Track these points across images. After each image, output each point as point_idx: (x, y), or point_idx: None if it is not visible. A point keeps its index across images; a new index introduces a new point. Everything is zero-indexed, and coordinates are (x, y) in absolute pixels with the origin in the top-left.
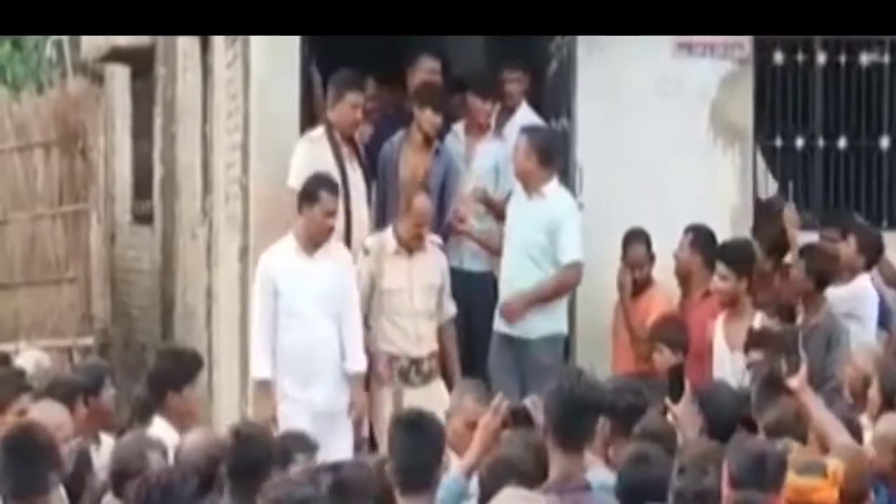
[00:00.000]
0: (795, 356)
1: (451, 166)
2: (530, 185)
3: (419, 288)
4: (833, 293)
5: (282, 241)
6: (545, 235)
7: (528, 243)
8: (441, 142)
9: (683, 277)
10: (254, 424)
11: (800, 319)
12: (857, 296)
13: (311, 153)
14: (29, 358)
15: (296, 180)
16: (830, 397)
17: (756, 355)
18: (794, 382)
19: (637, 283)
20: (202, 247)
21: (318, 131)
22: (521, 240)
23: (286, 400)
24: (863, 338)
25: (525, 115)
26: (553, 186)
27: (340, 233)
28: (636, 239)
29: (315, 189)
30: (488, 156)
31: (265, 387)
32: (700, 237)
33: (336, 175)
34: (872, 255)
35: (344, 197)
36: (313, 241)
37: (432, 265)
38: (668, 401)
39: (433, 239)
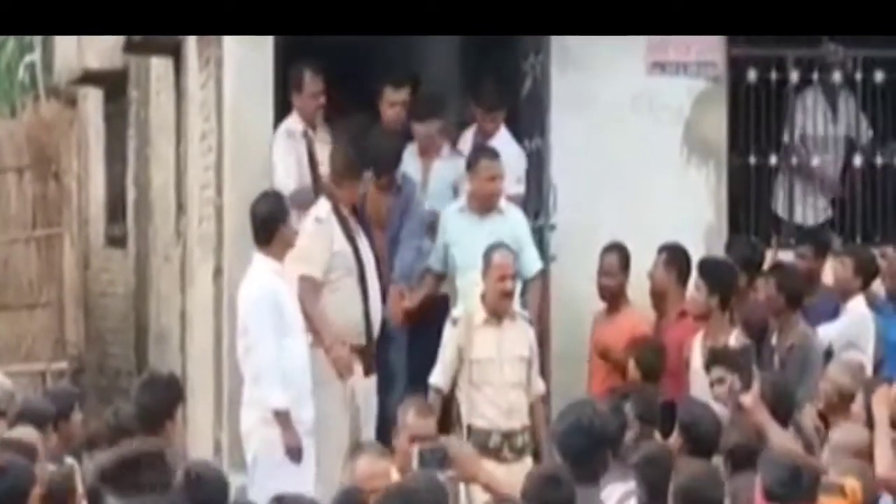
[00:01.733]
0: (748, 374)
1: (410, 201)
2: (493, 206)
3: (509, 360)
4: (831, 328)
5: (259, 264)
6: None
7: None
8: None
9: (658, 296)
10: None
11: (774, 339)
12: (856, 323)
13: (322, 235)
14: None
15: (313, 267)
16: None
17: (718, 372)
18: (746, 400)
19: (606, 291)
20: (176, 269)
21: (325, 209)
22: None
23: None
24: (862, 360)
25: (502, 140)
26: (503, 202)
27: (359, 310)
28: (609, 249)
29: (281, 205)
30: (445, 174)
31: (286, 416)
32: (674, 256)
33: (350, 253)
34: (869, 277)
35: (359, 274)
36: (285, 256)
37: (521, 337)
38: (658, 435)
39: (521, 312)
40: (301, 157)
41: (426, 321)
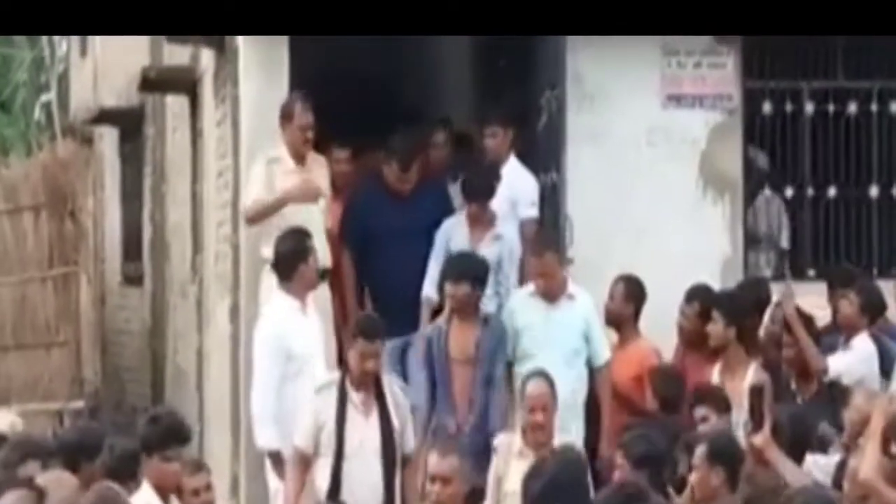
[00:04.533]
0: (759, 414)
1: (502, 334)
2: (561, 292)
3: None
4: (839, 364)
5: (276, 302)
6: (580, 337)
7: (564, 345)
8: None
9: (697, 341)
10: None
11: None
12: (864, 360)
13: (312, 406)
14: (2, 421)
15: (304, 439)
16: None
17: (702, 411)
18: (758, 440)
19: (606, 315)
20: (192, 307)
21: (327, 379)
22: (555, 343)
23: None
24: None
25: (512, 168)
26: (573, 285)
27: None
28: (618, 278)
29: (303, 244)
30: (490, 252)
31: (278, 456)
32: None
33: (332, 432)
34: (876, 313)
35: (336, 452)
36: (307, 295)
37: None
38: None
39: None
40: (275, 187)
41: None
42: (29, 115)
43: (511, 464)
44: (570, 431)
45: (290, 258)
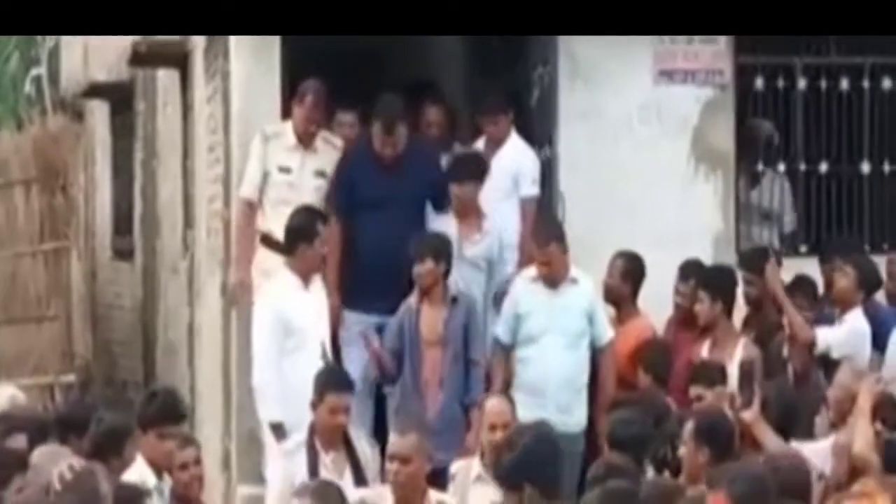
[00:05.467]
0: (749, 390)
1: (472, 312)
2: (564, 277)
3: None
4: (828, 336)
5: (278, 277)
6: (584, 319)
7: (568, 329)
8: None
9: (691, 319)
10: None
11: (785, 350)
12: (855, 334)
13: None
14: (2, 394)
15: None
16: None
17: (697, 390)
18: (747, 415)
19: (605, 291)
20: (184, 282)
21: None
22: (559, 327)
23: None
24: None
25: (514, 145)
26: (574, 269)
27: None
28: (618, 254)
29: (311, 225)
30: (480, 249)
31: (281, 429)
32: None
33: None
34: (871, 288)
35: None
36: (310, 274)
37: None
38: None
39: None
40: (267, 163)
41: None
42: (19, 89)
43: (469, 490)
44: (572, 413)
45: (294, 235)
